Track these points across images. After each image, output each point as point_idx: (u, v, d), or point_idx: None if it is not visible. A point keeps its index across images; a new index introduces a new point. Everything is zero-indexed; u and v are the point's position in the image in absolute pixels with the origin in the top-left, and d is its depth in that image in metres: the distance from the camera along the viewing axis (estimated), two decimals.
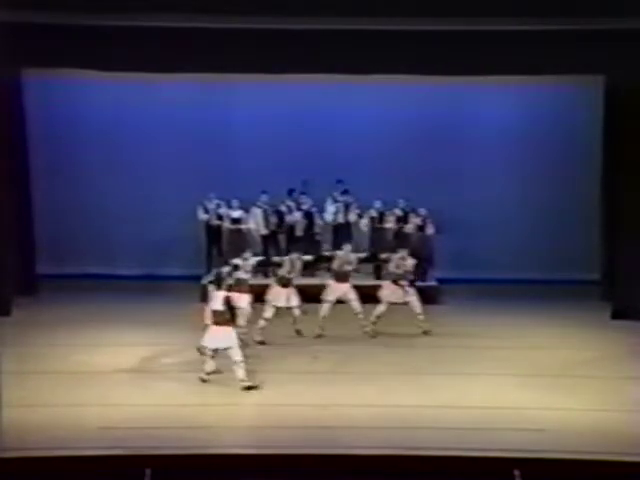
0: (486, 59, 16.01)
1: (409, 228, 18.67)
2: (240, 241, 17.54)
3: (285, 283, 16.20)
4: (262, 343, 15.88)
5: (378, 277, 18.18)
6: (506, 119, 19.43)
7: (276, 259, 17.00)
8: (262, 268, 18.04)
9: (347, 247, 16.71)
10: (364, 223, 18.84)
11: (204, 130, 19.51)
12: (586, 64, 16.04)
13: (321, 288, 16.59)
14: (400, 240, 18.45)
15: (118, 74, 17.32)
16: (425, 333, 16.43)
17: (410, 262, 16.47)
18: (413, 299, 16.48)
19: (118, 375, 14.34)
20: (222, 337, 13.77)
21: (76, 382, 13.97)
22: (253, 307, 15.95)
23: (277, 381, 14.18)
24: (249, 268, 16.06)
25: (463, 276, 18.61)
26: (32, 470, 11.36)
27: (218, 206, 18.86)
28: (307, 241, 18.45)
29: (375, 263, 18.26)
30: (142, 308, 16.85)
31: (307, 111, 19.44)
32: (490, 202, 19.49)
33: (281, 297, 16.12)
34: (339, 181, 18.93)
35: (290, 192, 18.86)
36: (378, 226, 18.81)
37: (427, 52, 15.88)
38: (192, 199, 18.79)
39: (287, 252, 17.16)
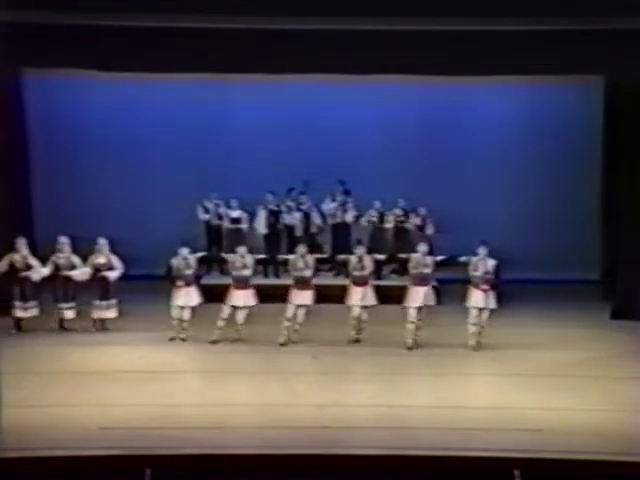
0: (486, 59, 16.01)
1: (409, 227, 18.68)
2: (240, 241, 17.51)
3: (360, 282, 16.12)
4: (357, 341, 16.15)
5: (378, 277, 18.18)
6: (506, 119, 19.43)
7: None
8: (261, 268, 18.09)
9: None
10: (364, 220, 18.78)
11: (204, 130, 19.51)
12: (586, 64, 16.05)
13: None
14: (400, 240, 18.47)
15: (118, 74, 17.33)
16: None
17: (490, 263, 15.94)
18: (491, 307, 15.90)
19: (118, 375, 14.32)
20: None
21: (76, 382, 13.97)
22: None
23: (277, 381, 14.18)
24: (240, 264, 16.04)
25: (463, 276, 18.54)
26: (32, 470, 11.35)
27: (217, 206, 18.87)
28: (307, 242, 18.41)
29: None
30: (142, 308, 16.82)
31: (307, 111, 19.44)
32: (490, 201, 19.49)
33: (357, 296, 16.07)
34: (341, 182, 18.90)
35: (289, 191, 18.85)
36: (378, 226, 18.81)
37: (427, 52, 15.88)
38: (192, 199, 18.79)
39: (288, 252, 17.12)
